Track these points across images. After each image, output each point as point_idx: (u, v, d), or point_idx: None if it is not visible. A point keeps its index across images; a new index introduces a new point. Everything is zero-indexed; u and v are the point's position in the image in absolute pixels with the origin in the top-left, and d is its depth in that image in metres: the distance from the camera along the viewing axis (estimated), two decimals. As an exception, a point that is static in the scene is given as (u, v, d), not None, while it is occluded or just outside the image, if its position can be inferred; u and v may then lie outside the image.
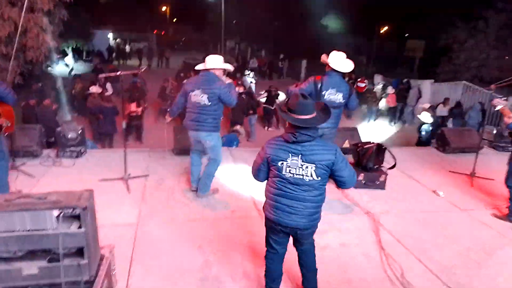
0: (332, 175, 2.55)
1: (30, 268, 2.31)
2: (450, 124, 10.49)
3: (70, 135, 5.64)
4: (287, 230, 2.62)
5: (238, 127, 10.10)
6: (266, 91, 12.37)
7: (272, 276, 2.84)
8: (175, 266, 3.27)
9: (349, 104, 4.58)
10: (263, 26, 29.64)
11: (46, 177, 4.97)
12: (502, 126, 6.93)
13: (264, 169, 2.65)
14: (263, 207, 2.74)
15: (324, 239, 3.77)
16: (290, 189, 2.52)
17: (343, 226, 4.13)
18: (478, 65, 15.32)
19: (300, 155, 2.47)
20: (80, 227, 2.30)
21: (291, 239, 2.76)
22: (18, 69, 8.09)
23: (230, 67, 4.45)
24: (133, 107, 9.56)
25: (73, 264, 2.31)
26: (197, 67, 4.40)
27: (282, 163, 2.50)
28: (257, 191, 4.84)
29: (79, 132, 5.76)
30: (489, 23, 15.02)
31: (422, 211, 4.66)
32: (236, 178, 5.29)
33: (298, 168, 2.48)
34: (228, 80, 4.56)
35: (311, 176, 2.48)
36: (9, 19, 7.25)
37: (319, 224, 2.70)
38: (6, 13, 7.20)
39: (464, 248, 3.84)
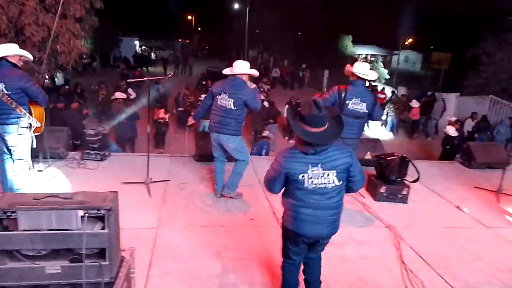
0: (347, 176, 2.54)
1: (53, 267, 2.37)
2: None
3: (94, 138, 5.78)
4: (310, 240, 2.61)
5: (266, 132, 10.05)
6: (287, 102, 12.40)
7: (290, 286, 2.81)
8: (193, 272, 3.29)
9: (373, 114, 4.53)
10: (286, 36, 29.76)
11: (70, 178, 5.10)
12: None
13: (281, 182, 2.57)
14: (282, 218, 2.70)
15: (345, 251, 3.73)
16: (314, 199, 2.48)
17: (364, 238, 4.06)
18: (507, 78, 14.86)
19: (320, 164, 2.44)
20: (103, 228, 2.35)
21: None
22: (49, 73, 8.38)
23: (256, 73, 4.56)
24: (161, 113, 9.71)
25: (94, 264, 2.36)
26: (225, 72, 4.53)
27: (303, 176, 2.44)
28: (276, 200, 4.82)
29: (103, 136, 5.89)
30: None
31: (445, 227, 4.54)
32: (256, 187, 5.29)
33: (320, 177, 2.45)
34: (253, 85, 4.63)
35: (334, 182, 2.46)
36: (44, 25, 7.54)
37: (338, 236, 2.69)
38: (41, 19, 7.49)
39: (490, 267, 3.71)
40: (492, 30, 15.83)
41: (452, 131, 8.77)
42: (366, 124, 4.64)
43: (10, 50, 3.89)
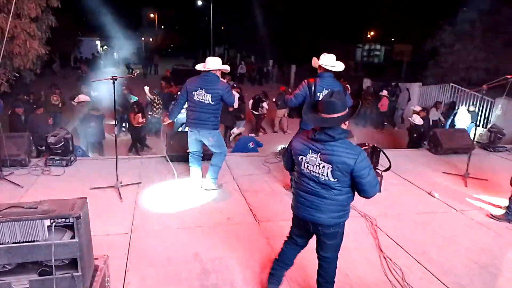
0: (353, 180, 2.43)
1: (21, 282, 2.21)
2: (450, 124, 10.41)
3: (58, 144, 5.50)
4: (308, 226, 2.60)
5: (240, 129, 9.89)
6: (252, 97, 12.33)
7: (282, 260, 2.87)
8: (172, 276, 3.17)
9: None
10: (252, 32, 29.73)
11: (34, 186, 4.83)
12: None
13: (288, 159, 2.73)
14: (292, 203, 2.77)
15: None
16: (310, 185, 2.51)
17: (341, 229, 4.07)
18: (465, 67, 15.53)
19: (319, 154, 2.42)
20: (73, 237, 2.21)
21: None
22: (5, 77, 7.92)
23: (227, 68, 4.75)
24: (140, 118, 9.31)
25: (66, 276, 2.21)
26: (197, 68, 4.57)
27: (302, 158, 2.51)
28: (252, 197, 4.77)
29: (66, 140, 5.61)
30: (475, 26, 15.26)
31: (419, 213, 4.65)
32: (231, 184, 5.22)
33: (315, 165, 2.44)
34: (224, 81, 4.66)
35: (327, 176, 2.42)
36: (-5, 25, 7.11)
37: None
38: (-8, 20, 7.06)
39: (463, 249, 3.83)
40: (449, 22, 16.47)
41: (417, 119, 9.04)
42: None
43: None
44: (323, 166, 2.40)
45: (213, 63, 4.46)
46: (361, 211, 4.50)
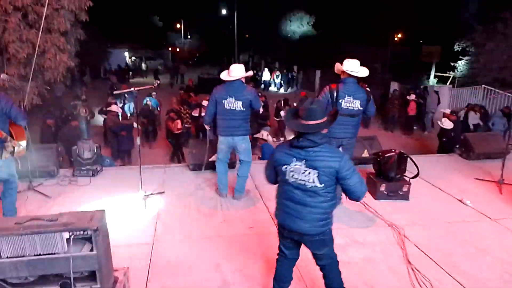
0: (339, 183, 2.47)
1: (42, 293, 2.24)
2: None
3: (86, 154, 5.65)
4: (293, 235, 2.58)
5: (265, 134, 9.75)
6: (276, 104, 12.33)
7: (280, 279, 2.80)
8: (193, 286, 3.15)
9: (367, 111, 4.43)
10: (276, 38, 29.80)
11: (61, 197, 4.95)
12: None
13: (271, 172, 2.67)
14: (275, 211, 2.71)
15: (347, 254, 3.60)
16: (294, 193, 2.49)
17: (367, 239, 3.94)
18: (499, 67, 14.86)
19: (304, 161, 2.43)
20: (92, 249, 2.22)
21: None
22: (37, 90, 8.23)
23: (251, 73, 4.84)
24: (179, 124, 9.46)
25: (85, 288, 2.23)
26: (222, 76, 4.62)
27: (286, 167, 2.48)
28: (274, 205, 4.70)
29: (95, 151, 5.77)
30: (508, 24, 14.61)
31: (449, 222, 4.43)
32: (253, 192, 5.17)
33: (300, 173, 2.44)
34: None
35: (314, 182, 2.42)
36: (27, 41, 7.41)
37: (340, 238, 2.57)
38: (25, 35, 7.36)
39: (498, 261, 3.60)
40: (480, 21, 15.87)
41: (447, 123, 8.69)
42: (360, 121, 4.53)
43: None
44: (309, 173, 2.41)
45: (237, 71, 4.50)
46: (388, 220, 4.34)
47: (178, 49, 44.46)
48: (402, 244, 3.87)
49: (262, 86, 24.15)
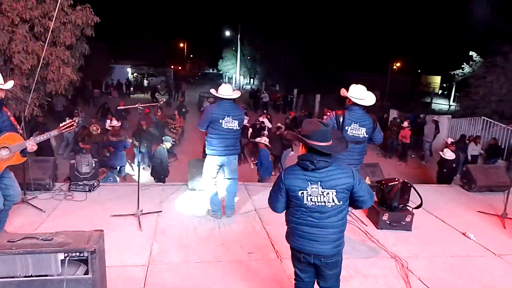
0: (352, 196, 2.50)
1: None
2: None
3: (84, 169, 5.55)
4: (311, 258, 2.52)
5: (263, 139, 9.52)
6: (251, 125, 12.35)
7: None
8: (188, 314, 3.00)
9: (373, 138, 4.38)
10: (277, 61, 30.13)
11: (56, 211, 4.81)
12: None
13: (283, 200, 2.56)
14: (286, 235, 2.66)
15: (350, 285, 3.47)
16: (313, 217, 2.46)
17: (370, 271, 3.81)
18: (497, 100, 15.00)
19: (319, 182, 2.41)
20: (86, 272, 2.10)
21: None
22: (38, 101, 8.17)
23: (239, 94, 4.95)
24: None
25: (77, 314, 2.10)
26: (215, 93, 4.67)
27: (303, 193, 2.43)
28: (274, 230, 4.57)
29: (93, 165, 5.66)
30: (508, 57, 14.83)
31: (453, 255, 4.31)
32: (251, 215, 5.05)
33: (319, 195, 2.41)
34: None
35: (333, 201, 2.41)
36: (32, 52, 7.39)
37: (344, 270, 2.48)
38: (30, 47, 7.34)
39: (505, 300, 3.48)
40: (480, 53, 16.12)
41: (449, 154, 8.65)
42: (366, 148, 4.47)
43: None
44: (327, 193, 2.41)
45: (232, 91, 4.66)
46: (391, 252, 4.22)
47: (180, 68, 44.88)
48: (405, 277, 3.74)
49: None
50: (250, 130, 12.14)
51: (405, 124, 13.20)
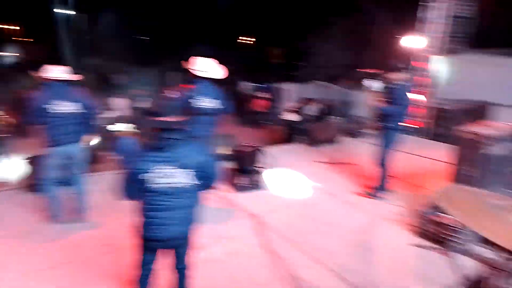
0: (201, 174, 2.35)
1: None
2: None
3: None
4: (165, 244, 2.38)
5: None
6: None
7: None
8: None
9: (224, 109, 4.44)
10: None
11: None
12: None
13: (132, 186, 2.29)
14: (136, 226, 2.40)
15: (212, 252, 3.54)
16: (163, 200, 2.27)
17: (231, 234, 3.97)
18: (331, 65, 17.35)
19: (170, 162, 2.24)
20: None
21: None
22: None
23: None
24: None
25: None
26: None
27: (148, 175, 2.22)
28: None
29: None
30: (340, 28, 17.22)
31: (302, 204, 4.86)
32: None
33: (167, 176, 2.24)
34: None
35: (185, 180, 2.28)
36: None
37: (206, 238, 2.47)
38: None
39: (344, 231, 4.13)
40: (318, 27, 18.26)
41: (291, 116, 9.65)
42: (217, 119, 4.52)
43: None
44: (178, 173, 2.26)
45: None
46: (250, 211, 4.50)
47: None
48: (262, 231, 4.03)
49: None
50: None
51: (259, 94, 14.24)
